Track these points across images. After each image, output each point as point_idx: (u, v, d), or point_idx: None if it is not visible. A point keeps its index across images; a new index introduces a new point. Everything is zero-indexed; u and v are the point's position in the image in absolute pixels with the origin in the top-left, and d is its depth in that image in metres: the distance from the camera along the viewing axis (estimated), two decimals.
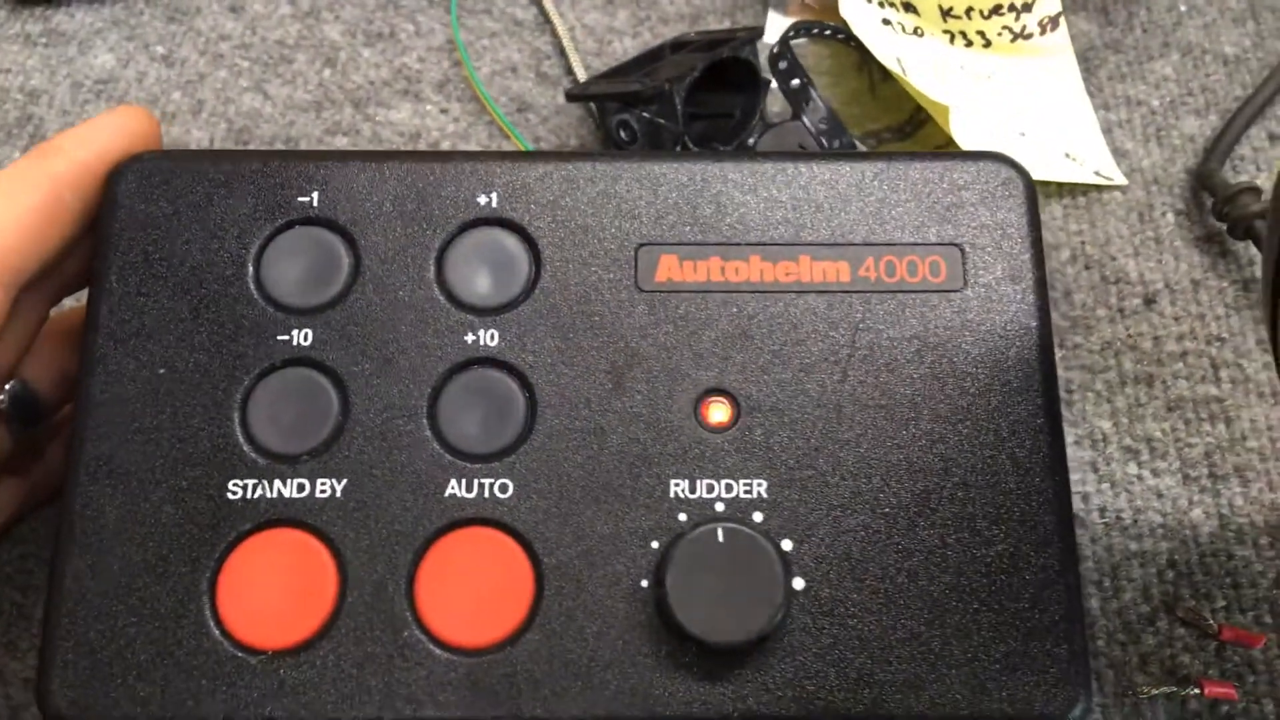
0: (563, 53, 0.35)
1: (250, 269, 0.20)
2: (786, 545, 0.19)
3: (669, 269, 0.21)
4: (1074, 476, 0.27)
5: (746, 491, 0.19)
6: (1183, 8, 0.36)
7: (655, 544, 0.19)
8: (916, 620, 0.18)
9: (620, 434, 0.19)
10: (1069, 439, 0.28)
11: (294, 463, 0.19)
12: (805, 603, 0.19)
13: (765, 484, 0.19)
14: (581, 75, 0.34)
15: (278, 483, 0.19)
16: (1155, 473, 0.27)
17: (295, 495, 0.19)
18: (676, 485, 0.19)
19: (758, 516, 0.19)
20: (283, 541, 0.19)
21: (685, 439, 0.19)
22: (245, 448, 0.19)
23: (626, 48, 0.35)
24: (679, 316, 0.20)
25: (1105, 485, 0.27)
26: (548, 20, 0.36)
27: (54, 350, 0.22)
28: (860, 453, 0.19)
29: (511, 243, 0.21)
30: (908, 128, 0.34)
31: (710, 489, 0.19)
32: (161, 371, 0.20)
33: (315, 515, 0.19)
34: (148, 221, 0.20)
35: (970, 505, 0.19)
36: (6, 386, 0.21)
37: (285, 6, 0.37)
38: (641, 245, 0.21)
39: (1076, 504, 0.27)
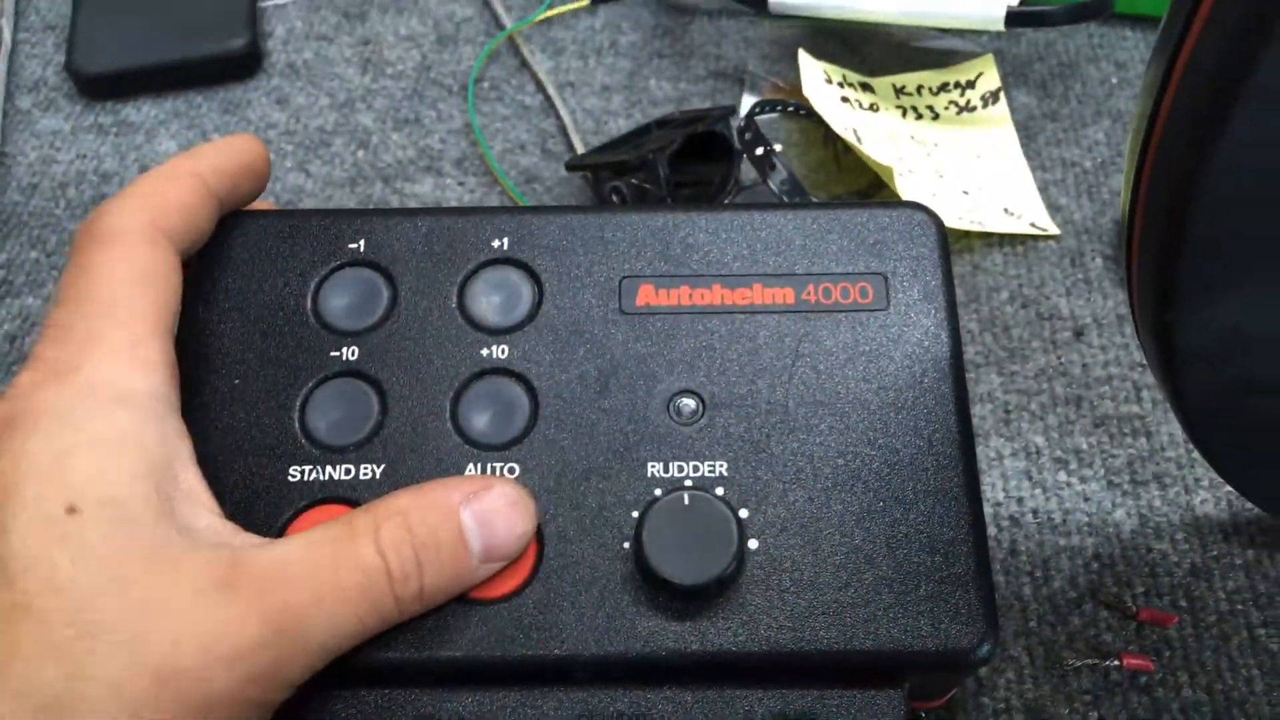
0: (565, 132, 0.41)
1: (309, 301, 0.26)
2: (744, 513, 0.24)
3: (646, 295, 0.26)
4: (1011, 483, 0.32)
5: (710, 471, 0.24)
6: (1114, 80, 0.42)
7: (635, 513, 0.23)
8: (851, 573, 0.23)
9: (606, 427, 0.24)
10: (1007, 452, 0.32)
11: (342, 452, 0.24)
12: (759, 559, 0.23)
13: (726, 464, 0.24)
14: (580, 150, 0.40)
15: (329, 468, 0.24)
16: (1083, 479, 0.32)
17: (343, 478, 0.24)
18: (653, 467, 0.24)
19: (719, 490, 0.24)
20: (333, 514, 0.23)
21: (660, 430, 0.24)
22: (303, 441, 0.24)
23: (620, 127, 0.41)
24: (655, 333, 0.25)
25: (1038, 491, 0.31)
26: (552, 106, 0.42)
27: None
28: (804, 439, 0.24)
29: (519, 277, 0.26)
30: (869, 191, 0.39)
31: (680, 469, 0.24)
32: (236, 382, 0.25)
33: (359, 493, 0.24)
34: (230, 264, 0.26)
35: (895, 480, 0.24)
36: None
37: (324, 99, 0.43)
38: (624, 278, 0.26)
39: (1013, 507, 0.31)
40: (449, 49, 0.45)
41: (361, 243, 0.26)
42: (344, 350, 0.25)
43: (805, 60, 0.39)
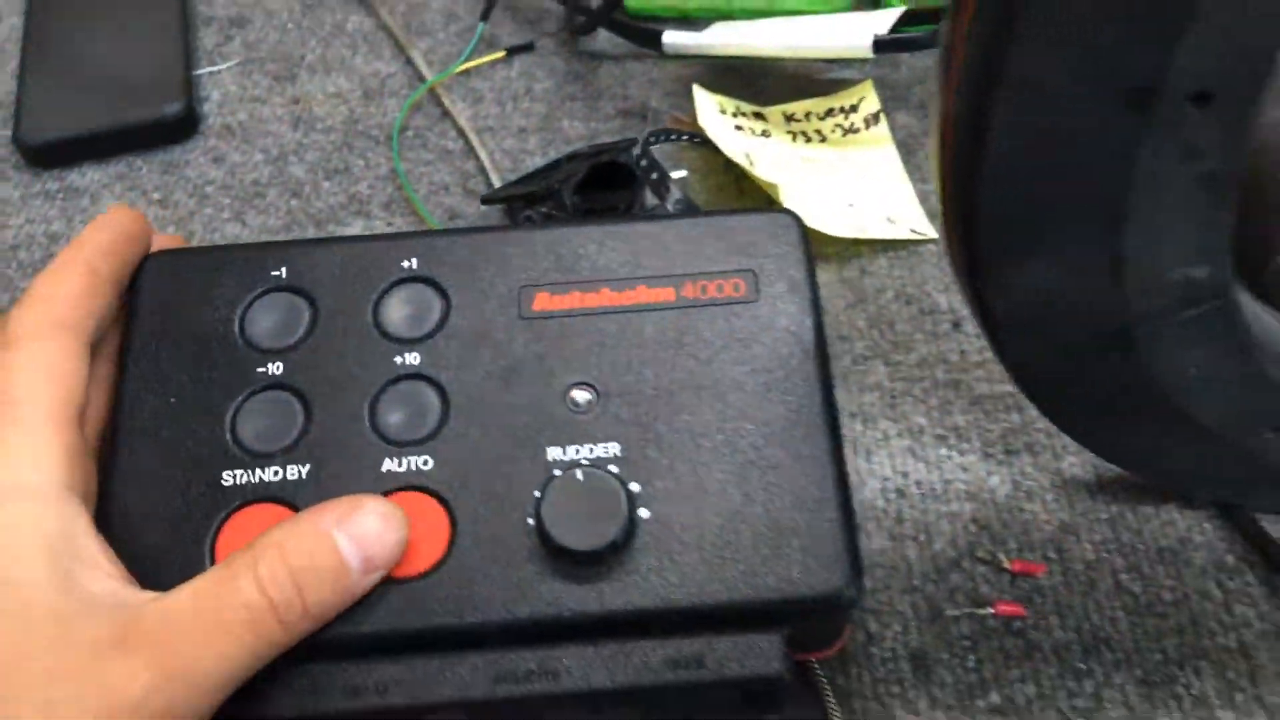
0: (484, 172, 0.44)
1: (237, 325, 0.29)
2: (635, 487, 0.26)
3: (543, 301, 0.29)
4: (896, 460, 0.35)
5: (605, 452, 0.27)
6: None
7: (536, 492, 0.26)
8: (731, 533, 0.26)
9: (510, 419, 0.27)
10: (893, 433, 0.35)
11: (271, 457, 0.27)
12: (650, 527, 0.26)
13: (618, 446, 0.27)
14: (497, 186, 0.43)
15: (259, 471, 0.27)
16: (961, 452, 0.35)
17: (272, 479, 0.27)
18: (552, 451, 0.27)
19: (613, 469, 0.27)
20: (264, 512, 0.26)
21: (558, 419, 0.27)
22: (234, 448, 0.27)
23: (536, 164, 0.45)
24: (551, 334, 0.29)
25: (921, 465, 0.35)
26: (472, 149, 0.46)
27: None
28: (688, 419, 0.27)
29: (427, 292, 0.29)
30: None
31: (577, 452, 0.27)
32: (172, 400, 0.28)
33: (288, 491, 0.26)
34: (162, 297, 0.29)
35: (767, 449, 0.27)
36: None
37: (258, 155, 0.46)
38: (522, 286, 0.29)
39: (899, 481, 0.34)
40: (374, 102, 0.48)
41: (283, 270, 0.29)
42: (270, 366, 0.28)
43: (699, 94, 0.43)
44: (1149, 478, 0.32)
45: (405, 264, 0.30)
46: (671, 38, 0.43)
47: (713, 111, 0.42)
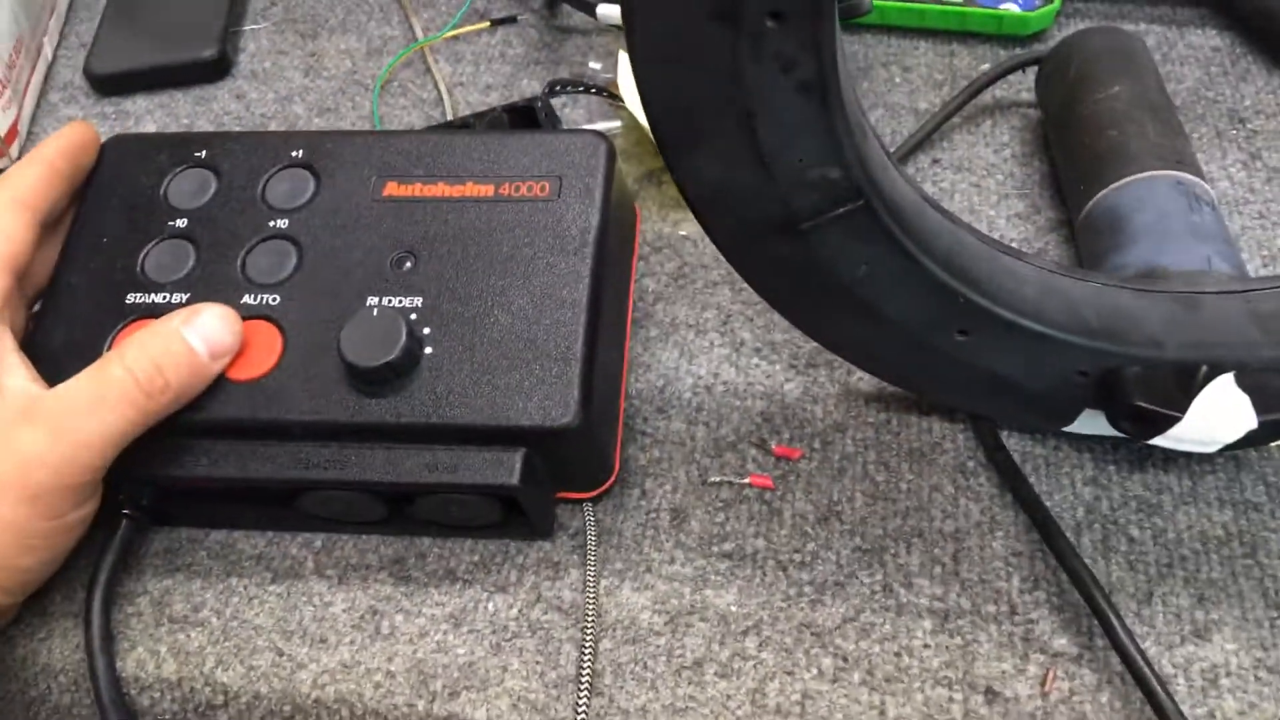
0: (444, 117, 0.53)
1: (162, 190, 0.38)
2: (426, 330, 0.34)
3: (392, 189, 0.37)
4: (713, 365, 0.41)
5: (409, 303, 0.35)
6: (898, 80, 0.51)
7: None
8: (492, 372, 0.33)
9: (346, 274, 0.35)
10: (718, 344, 0.41)
11: (164, 287, 0.36)
12: (430, 361, 0.33)
13: (421, 299, 0.34)
14: None
15: (154, 295, 0.35)
16: (770, 362, 0.41)
17: (161, 302, 0.35)
18: (371, 299, 0.35)
19: (413, 316, 0.34)
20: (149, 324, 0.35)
21: (382, 276, 0.35)
22: (140, 278, 0.36)
23: None
24: (392, 214, 0.36)
25: (732, 369, 0.40)
26: (440, 100, 0.54)
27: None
28: (483, 285, 0.35)
29: (305, 175, 0.37)
30: None
31: (389, 301, 0.35)
32: (105, 240, 0.37)
33: (171, 312, 0.35)
34: (113, 167, 0.38)
35: (535, 311, 0.34)
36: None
37: (270, 95, 0.56)
38: (377, 176, 0.37)
39: (709, 380, 0.40)
40: (374, 59, 0.57)
41: (204, 152, 0.38)
42: (177, 221, 0.37)
43: (623, 56, 0.50)
44: (876, 374, 0.36)
45: (294, 153, 0.38)
46: (604, 10, 0.50)
47: (629, 74, 0.49)
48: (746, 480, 0.37)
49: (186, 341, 0.33)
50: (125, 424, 0.32)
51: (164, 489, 0.35)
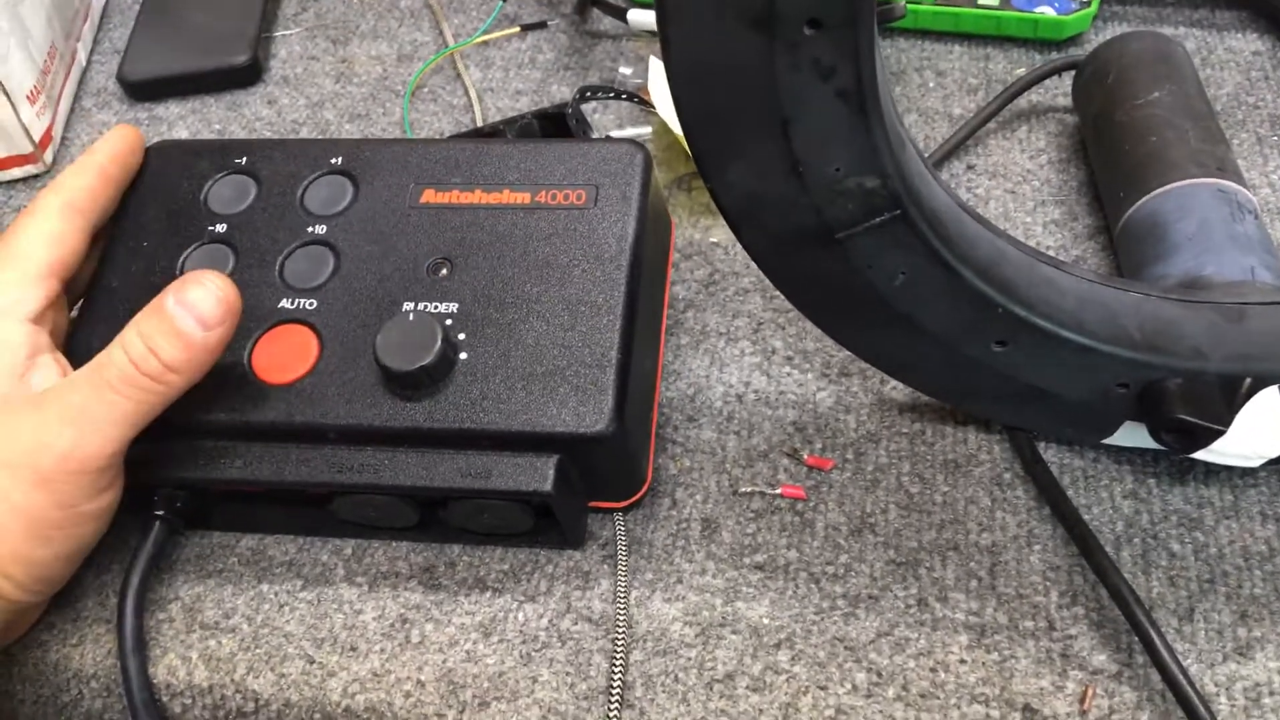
0: (475, 123, 0.53)
1: (203, 196, 0.38)
2: (462, 336, 0.34)
3: (429, 196, 0.37)
4: (745, 373, 0.41)
5: (445, 309, 0.35)
6: (932, 84, 0.52)
7: None
8: (527, 378, 0.33)
9: (383, 280, 0.36)
10: (749, 352, 0.42)
11: None
12: (466, 366, 0.34)
13: (457, 305, 0.35)
14: None
15: None
16: (802, 371, 0.41)
17: None
18: (407, 305, 0.35)
19: (448, 321, 0.34)
20: None
21: (419, 282, 0.35)
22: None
23: None
24: (430, 221, 0.37)
25: (764, 378, 0.41)
26: (471, 105, 0.55)
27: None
28: (517, 292, 0.35)
29: (344, 182, 0.38)
30: None
31: (425, 307, 0.35)
32: (145, 244, 0.37)
33: None
34: (157, 173, 0.39)
35: (571, 318, 0.34)
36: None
37: (302, 100, 0.57)
38: (414, 183, 0.37)
39: (740, 389, 0.41)
40: (405, 65, 0.58)
41: (244, 159, 0.39)
42: (218, 226, 0.38)
43: (653, 62, 0.50)
44: (912, 384, 0.36)
45: (333, 160, 0.38)
46: (635, 15, 0.51)
47: (660, 79, 0.49)
48: (778, 491, 0.37)
49: (171, 317, 0.32)
50: (130, 406, 0.32)
51: (198, 492, 0.35)
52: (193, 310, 0.33)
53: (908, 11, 0.52)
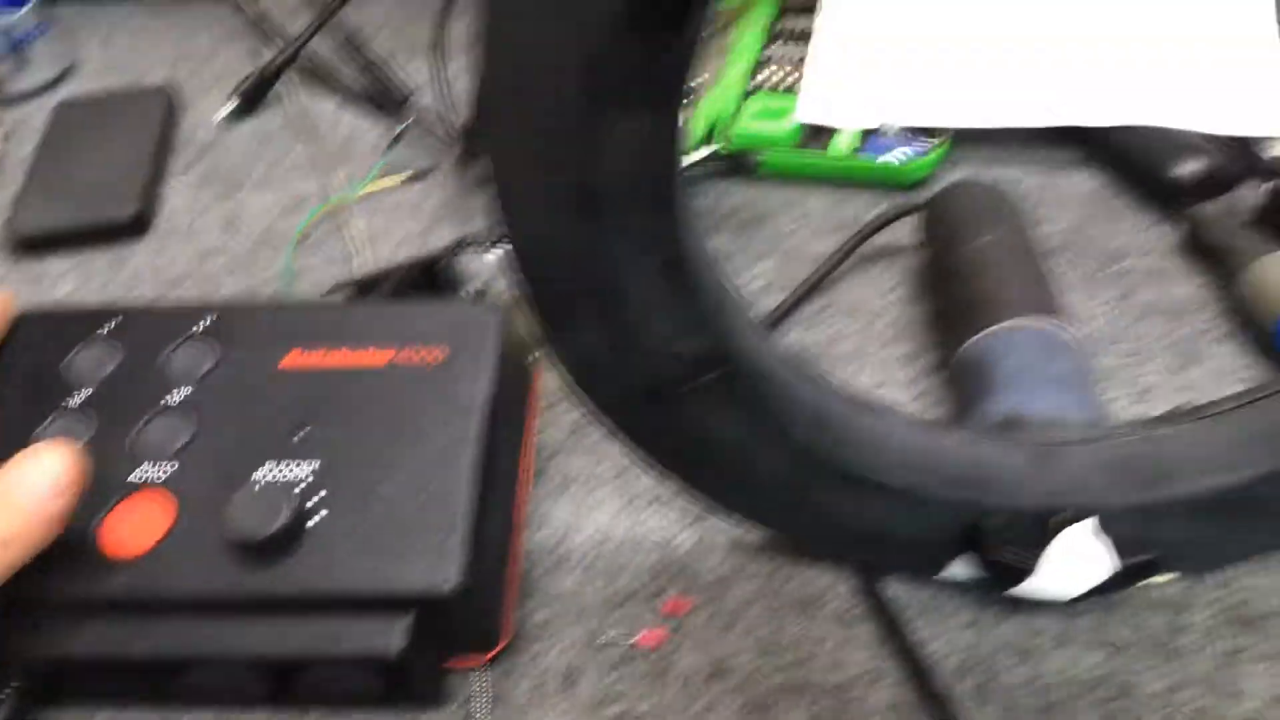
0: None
1: (64, 365, 0.39)
2: (318, 498, 0.35)
3: (293, 358, 0.39)
4: (611, 517, 0.42)
5: (302, 471, 0.36)
6: (793, 227, 0.55)
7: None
8: (378, 537, 0.34)
9: (242, 443, 0.37)
10: (614, 496, 0.43)
11: None
12: (320, 527, 0.35)
13: (317, 464, 0.36)
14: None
15: None
16: (665, 514, 0.42)
17: None
18: (267, 466, 0.36)
19: (302, 486, 0.36)
20: None
21: (278, 444, 0.37)
22: None
23: None
24: (292, 382, 0.38)
25: (629, 521, 0.42)
26: (353, 254, 0.56)
27: None
28: (374, 451, 0.36)
29: (209, 346, 0.39)
30: None
31: (284, 468, 0.36)
32: (3, 416, 0.38)
33: None
34: (21, 343, 0.40)
35: (424, 477, 0.35)
36: None
37: (189, 251, 0.58)
38: (279, 345, 0.39)
39: (606, 533, 0.42)
40: (291, 216, 0.60)
41: (111, 325, 0.40)
42: (75, 397, 0.39)
43: None
44: (758, 526, 0.38)
45: (201, 324, 0.40)
46: None
47: None
48: (633, 641, 0.38)
49: (7, 488, 0.33)
50: None
51: (44, 668, 0.35)
52: (30, 482, 0.33)
53: (768, 160, 0.56)
